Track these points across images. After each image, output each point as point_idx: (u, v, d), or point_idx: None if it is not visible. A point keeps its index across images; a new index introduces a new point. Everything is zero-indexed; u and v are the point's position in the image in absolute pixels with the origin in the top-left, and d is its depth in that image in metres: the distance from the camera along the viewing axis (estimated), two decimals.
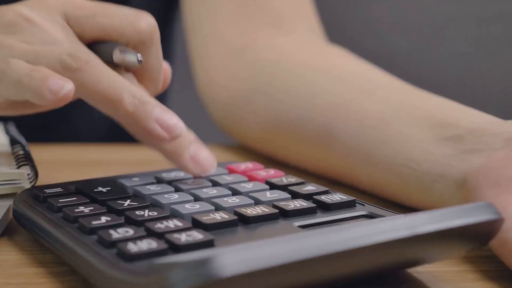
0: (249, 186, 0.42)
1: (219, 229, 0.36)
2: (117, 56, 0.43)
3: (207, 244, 0.34)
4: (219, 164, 0.47)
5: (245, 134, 0.63)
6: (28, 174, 0.46)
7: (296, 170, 0.57)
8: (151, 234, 0.35)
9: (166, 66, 0.48)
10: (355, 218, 0.38)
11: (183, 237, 0.34)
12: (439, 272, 0.38)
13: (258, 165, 0.47)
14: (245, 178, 0.44)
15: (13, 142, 0.53)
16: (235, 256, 0.28)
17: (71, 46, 0.43)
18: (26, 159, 0.48)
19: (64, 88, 0.40)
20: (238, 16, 0.65)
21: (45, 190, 0.42)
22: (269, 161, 0.60)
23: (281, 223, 0.37)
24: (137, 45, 0.44)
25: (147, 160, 0.63)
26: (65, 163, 0.43)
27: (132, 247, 0.33)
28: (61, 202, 0.40)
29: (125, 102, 0.40)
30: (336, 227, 0.32)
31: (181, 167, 0.42)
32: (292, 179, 0.44)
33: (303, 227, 0.37)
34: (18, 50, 0.42)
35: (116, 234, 0.35)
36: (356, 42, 0.83)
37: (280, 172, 0.45)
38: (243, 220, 0.37)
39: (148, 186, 0.43)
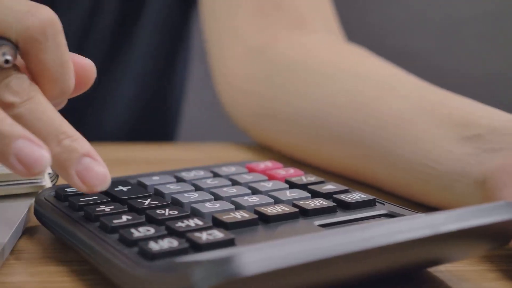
0: (268, 185, 0.43)
1: (239, 228, 0.36)
2: None
3: (228, 243, 0.34)
4: (239, 163, 0.48)
5: (264, 133, 0.63)
6: (49, 173, 0.46)
7: (315, 169, 0.57)
8: (172, 233, 0.35)
9: (87, 63, 0.43)
10: (375, 217, 0.38)
11: (204, 236, 0.34)
12: (459, 271, 0.38)
13: (278, 164, 0.47)
14: (265, 177, 0.44)
15: None
16: (256, 255, 0.28)
17: None
18: None
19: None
20: (256, 15, 0.65)
21: (66, 189, 0.42)
22: (288, 160, 0.60)
23: (301, 222, 0.37)
24: (27, 42, 0.39)
25: (166, 159, 0.63)
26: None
27: (154, 246, 0.33)
28: (82, 201, 0.40)
29: None
30: (357, 226, 0.32)
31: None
32: (312, 178, 0.44)
33: (323, 226, 0.37)
34: None
35: (138, 233, 0.35)
36: (375, 41, 0.83)
37: (300, 171, 0.45)
38: (263, 219, 0.37)
39: (168, 185, 0.43)
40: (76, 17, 0.72)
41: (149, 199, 0.40)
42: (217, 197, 0.41)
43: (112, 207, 0.39)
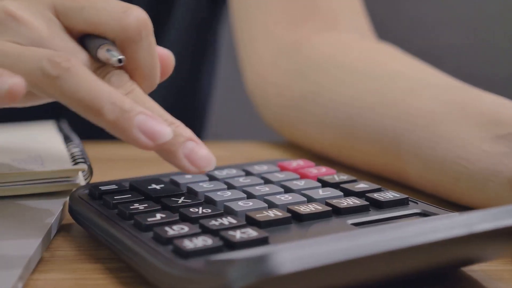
0: (301, 183, 0.43)
1: (272, 226, 0.36)
2: (101, 54, 0.41)
3: (261, 241, 0.34)
4: (271, 162, 0.48)
5: (295, 131, 0.63)
6: (83, 171, 0.47)
7: (345, 167, 0.57)
8: (206, 231, 0.35)
9: (166, 54, 0.46)
10: (409, 216, 0.38)
11: (237, 234, 0.34)
12: (493, 270, 0.38)
13: (309, 163, 0.47)
14: (297, 176, 0.44)
15: (67, 139, 0.54)
16: (292, 254, 0.28)
17: (54, 49, 0.41)
18: (81, 157, 0.48)
19: (6, 83, 0.37)
20: (288, 13, 0.66)
21: (100, 187, 0.42)
22: (318, 158, 0.60)
23: (334, 221, 0.37)
24: (124, 41, 0.42)
25: None
26: (116, 160, 0.43)
27: (188, 244, 0.33)
28: (116, 199, 0.40)
29: (105, 111, 0.38)
30: (392, 225, 0.33)
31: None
32: (344, 177, 0.44)
33: (357, 225, 0.37)
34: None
35: (172, 231, 0.35)
36: (405, 39, 0.82)
37: (332, 170, 0.45)
38: (296, 218, 0.37)
39: (201, 184, 0.43)
40: None
41: (182, 198, 0.40)
42: (250, 196, 0.41)
43: (146, 205, 0.39)
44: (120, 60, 0.41)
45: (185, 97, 0.80)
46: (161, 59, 0.45)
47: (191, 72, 0.80)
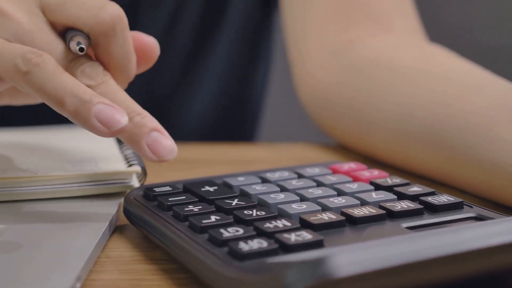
0: (354, 186, 0.43)
1: (326, 229, 0.36)
2: (71, 45, 0.44)
3: (317, 244, 0.34)
4: (323, 164, 0.48)
5: (345, 133, 0.63)
6: (137, 174, 0.47)
7: (396, 169, 0.57)
8: (261, 233, 0.35)
9: (151, 42, 0.48)
10: (464, 220, 0.38)
11: (292, 237, 0.34)
12: None
13: (361, 166, 0.47)
14: (349, 179, 0.44)
15: (120, 141, 0.55)
16: (350, 257, 0.29)
17: (35, 42, 0.45)
18: (134, 158, 0.49)
19: None
20: (337, 15, 0.66)
21: (154, 189, 0.43)
22: (368, 160, 0.60)
23: (389, 224, 0.37)
24: (98, 36, 0.45)
25: (248, 159, 0.64)
26: (169, 162, 0.44)
27: (244, 246, 0.33)
28: (171, 200, 0.41)
29: (66, 102, 0.41)
30: (448, 229, 0.32)
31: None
32: (397, 180, 0.43)
33: (411, 228, 0.37)
34: None
35: (227, 233, 0.35)
36: (454, 39, 0.82)
37: (384, 173, 0.45)
38: (350, 221, 0.37)
39: (254, 186, 0.43)
40: (161, 15, 0.73)
41: (236, 200, 0.40)
42: (303, 198, 0.41)
43: (200, 207, 0.39)
44: (81, 49, 0.44)
45: (238, 98, 0.81)
46: (145, 47, 0.48)
47: (245, 74, 0.80)
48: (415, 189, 0.42)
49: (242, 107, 0.82)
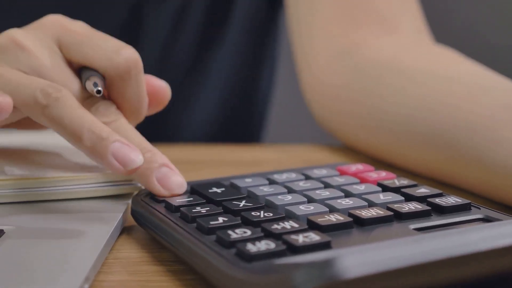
0: (361, 188, 0.43)
1: (334, 230, 0.36)
2: (87, 85, 0.46)
3: (324, 245, 0.34)
4: (330, 166, 0.48)
5: (351, 135, 0.63)
6: None
7: (403, 171, 0.57)
8: (268, 235, 0.35)
9: (163, 86, 0.50)
10: (471, 222, 0.38)
11: (300, 238, 0.34)
12: None
13: (369, 167, 0.47)
14: (357, 180, 0.44)
15: None
16: (358, 258, 0.29)
17: (52, 77, 0.46)
18: None
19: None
20: (343, 17, 0.66)
21: None
22: (375, 161, 0.60)
23: (396, 226, 0.37)
24: (113, 78, 0.46)
25: (255, 160, 0.64)
26: (176, 163, 0.44)
27: (251, 248, 0.33)
28: (178, 202, 0.41)
29: (84, 138, 0.42)
30: (457, 230, 0.32)
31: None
32: (405, 181, 0.43)
33: (419, 230, 0.37)
34: (3, 78, 0.45)
35: (235, 234, 0.35)
36: (461, 40, 0.82)
37: (392, 174, 0.45)
38: (358, 222, 0.37)
39: (261, 187, 0.43)
40: (165, 15, 0.73)
41: (244, 201, 0.40)
42: (310, 200, 0.41)
43: (208, 208, 0.40)
44: (98, 92, 0.45)
45: (244, 100, 0.81)
46: (157, 91, 0.50)
47: (250, 74, 0.80)
48: (423, 190, 0.42)
49: (247, 108, 0.82)
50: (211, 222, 0.37)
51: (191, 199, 0.41)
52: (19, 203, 0.45)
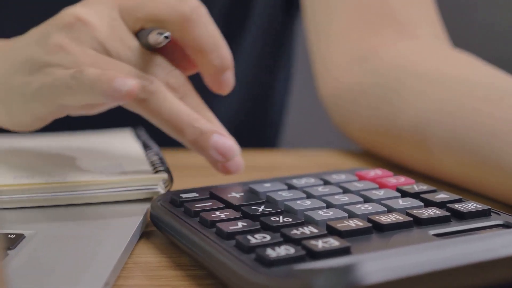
0: (380, 193, 0.43)
1: (353, 236, 0.36)
2: (151, 38, 0.46)
3: (344, 251, 0.34)
4: (349, 171, 0.48)
5: (370, 139, 0.63)
6: (163, 180, 0.47)
7: (422, 176, 0.57)
8: (288, 240, 0.36)
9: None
10: (491, 228, 0.38)
11: (319, 244, 0.34)
12: None
13: (387, 172, 0.47)
14: (376, 185, 0.44)
15: (146, 147, 0.55)
16: (378, 264, 0.29)
17: (114, 48, 0.47)
18: (160, 164, 0.49)
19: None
20: (364, 20, 0.65)
21: (181, 195, 0.43)
22: (394, 166, 0.60)
23: (416, 231, 0.37)
24: (182, 25, 0.47)
25: (273, 165, 0.64)
26: (194, 167, 0.45)
27: (271, 253, 0.33)
28: (198, 207, 0.41)
29: (186, 132, 0.46)
30: (477, 236, 0.32)
31: (205, 157, 0.46)
32: (424, 187, 0.43)
33: (438, 235, 0.37)
34: (85, 57, 0.46)
35: (254, 239, 0.35)
36: (478, 45, 0.82)
37: (411, 180, 0.45)
38: (377, 228, 0.37)
39: (280, 192, 0.43)
40: None
41: (263, 206, 0.40)
42: (329, 205, 0.41)
43: (227, 213, 0.40)
44: (166, 37, 0.45)
45: (261, 104, 0.81)
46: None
47: (266, 78, 0.80)
48: (442, 196, 0.42)
49: (264, 113, 0.82)
50: (231, 227, 0.37)
51: (211, 204, 0.42)
52: (39, 207, 0.46)
